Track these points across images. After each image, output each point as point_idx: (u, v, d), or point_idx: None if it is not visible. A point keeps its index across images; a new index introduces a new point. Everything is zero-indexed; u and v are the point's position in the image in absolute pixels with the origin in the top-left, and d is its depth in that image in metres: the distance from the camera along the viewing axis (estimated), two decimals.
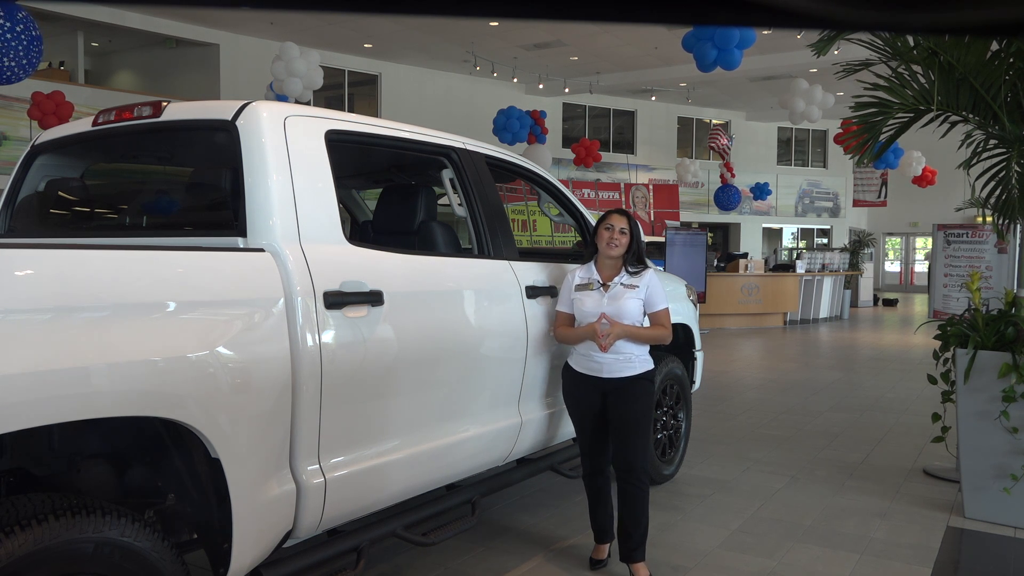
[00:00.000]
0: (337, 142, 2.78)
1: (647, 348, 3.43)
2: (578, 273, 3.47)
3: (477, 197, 3.41)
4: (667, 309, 3.43)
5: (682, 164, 19.25)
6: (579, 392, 3.45)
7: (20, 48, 7.29)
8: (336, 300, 2.46)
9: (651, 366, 3.43)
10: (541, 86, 18.61)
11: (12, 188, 3.18)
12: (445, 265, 3.19)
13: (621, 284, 3.40)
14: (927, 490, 4.69)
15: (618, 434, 3.38)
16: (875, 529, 4.02)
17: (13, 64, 7.29)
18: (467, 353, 3.09)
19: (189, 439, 2.11)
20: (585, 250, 3.88)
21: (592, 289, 3.39)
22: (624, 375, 3.36)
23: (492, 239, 3.40)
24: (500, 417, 3.32)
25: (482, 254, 3.37)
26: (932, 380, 4.56)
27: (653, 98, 21.14)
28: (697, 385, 5.12)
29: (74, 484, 2.24)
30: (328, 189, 2.63)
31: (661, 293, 3.43)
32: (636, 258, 3.45)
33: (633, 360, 3.37)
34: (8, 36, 7.19)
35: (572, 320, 3.47)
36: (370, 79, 17.73)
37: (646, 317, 3.44)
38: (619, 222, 3.42)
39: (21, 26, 7.30)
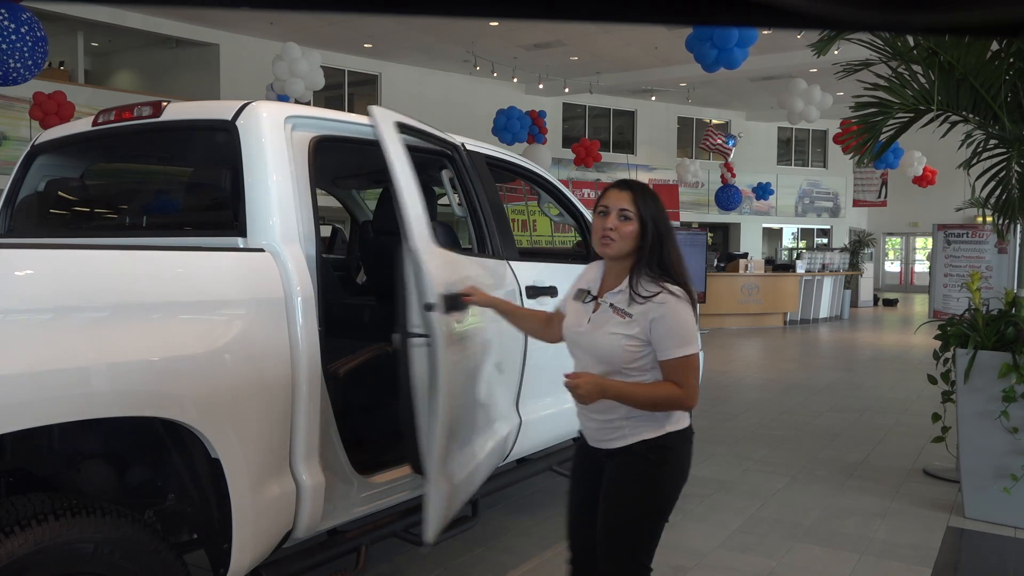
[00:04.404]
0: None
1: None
2: (586, 274, 2.41)
3: (477, 197, 3.41)
4: (686, 358, 2.11)
5: (682, 164, 19.24)
6: (577, 462, 2.44)
7: (25, 49, 7.29)
8: None
9: (655, 432, 2.17)
10: (541, 86, 18.60)
11: (12, 188, 3.19)
12: None
13: (611, 304, 2.19)
14: (927, 490, 4.69)
15: (599, 534, 2.23)
16: (875, 529, 4.02)
17: (19, 65, 7.30)
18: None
19: (189, 439, 2.11)
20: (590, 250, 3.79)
21: (584, 301, 2.30)
22: (613, 446, 2.21)
23: (492, 239, 3.40)
24: (499, 417, 3.32)
25: (482, 253, 3.37)
26: (932, 380, 4.56)
27: (653, 98, 21.12)
28: None
29: (74, 484, 2.24)
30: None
31: (677, 332, 2.11)
32: (658, 262, 2.17)
33: (623, 426, 2.18)
34: (13, 37, 7.20)
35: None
36: (370, 79, 17.72)
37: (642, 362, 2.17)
38: (618, 201, 2.18)
39: (26, 27, 7.30)
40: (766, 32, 10.74)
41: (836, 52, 5.15)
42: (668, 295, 2.11)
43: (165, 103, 2.74)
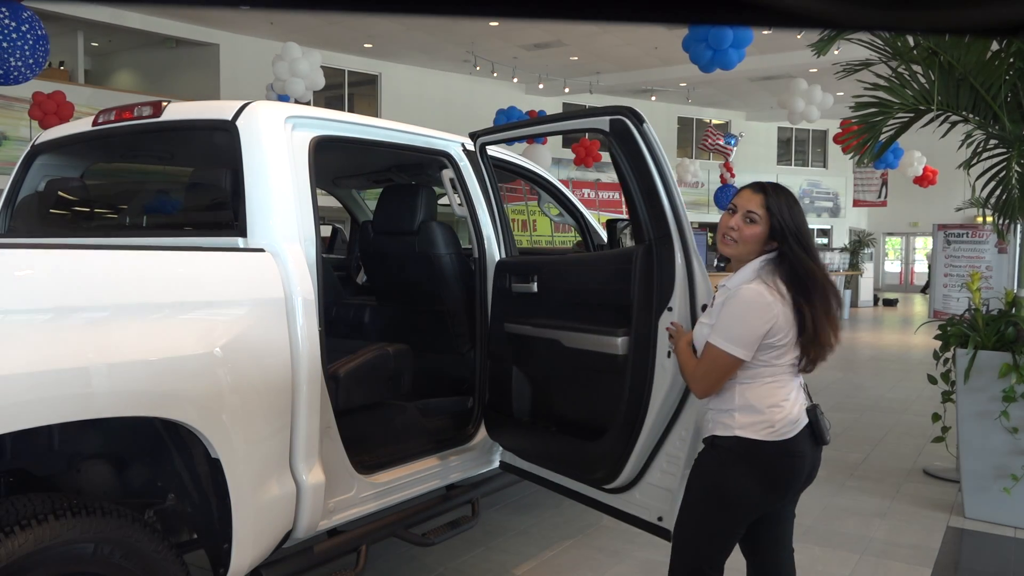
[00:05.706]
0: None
1: (745, 397, 2.11)
2: None
3: (495, 198, 3.41)
4: (712, 348, 2.10)
5: (682, 164, 19.23)
6: None
7: (26, 48, 7.27)
8: None
9: (724, 431, 2.13)
10: (541, 86, 18.60)
11: (12, 188, 3.19)
12: None
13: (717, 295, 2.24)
14: (927, 490, 4.69)
15: None
16: (875, 529, 4.02)
17: (20, 64, 7.29)
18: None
19: (189, 439, 2.11)
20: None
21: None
22: (704, 433, 2.27)
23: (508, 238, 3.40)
24: None
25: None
26: (932, 380, 4.56)
27: (653, 98, 21.13)
28: None
29: (74, 484, 2.24)
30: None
31: (725, 321, 2.08)
32: (789, 274, 2.08)
33: (708, 419, 2.23)
34: (14, 36, 7.18)
35: None
36: (370, 79, 17.72)
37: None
38: (748, 202, 2.13)
39: (27, 26, 7.28)
40: (766, 32, 10.74)
41: (836, 52, 5.15)
42: (748, 287, 2.05)
43: (165, 103, 2.74)
